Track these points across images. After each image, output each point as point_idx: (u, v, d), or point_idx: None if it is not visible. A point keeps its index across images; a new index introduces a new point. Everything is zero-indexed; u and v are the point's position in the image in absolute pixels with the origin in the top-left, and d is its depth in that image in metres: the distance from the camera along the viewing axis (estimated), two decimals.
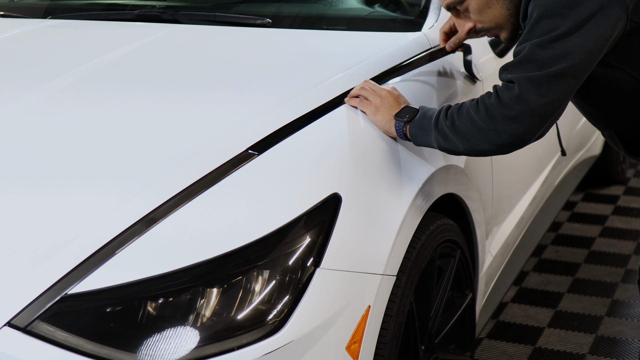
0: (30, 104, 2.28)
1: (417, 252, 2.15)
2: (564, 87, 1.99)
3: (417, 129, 2.12)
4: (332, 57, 2.51)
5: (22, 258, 1.81)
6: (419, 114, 2.14)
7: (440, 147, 2.11)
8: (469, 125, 2.03)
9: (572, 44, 1.97)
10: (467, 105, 2.06)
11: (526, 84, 1.98)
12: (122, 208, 1.87)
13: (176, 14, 2.89)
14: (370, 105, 2.17)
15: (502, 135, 2.01)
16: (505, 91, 2.00)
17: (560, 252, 4.02)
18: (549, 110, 1.99)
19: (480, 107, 2.03)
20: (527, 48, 2.00)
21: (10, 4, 3.37)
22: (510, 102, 1.98)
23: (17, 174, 2.01)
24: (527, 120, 1.98)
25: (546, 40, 1.98)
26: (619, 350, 3.17)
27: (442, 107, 2.11)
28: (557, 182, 3.66)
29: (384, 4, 2.89)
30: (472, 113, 2.03)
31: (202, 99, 2.26)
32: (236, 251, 1.82)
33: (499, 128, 2.00)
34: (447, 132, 2.06)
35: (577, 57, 1.97)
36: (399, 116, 2.15)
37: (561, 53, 1.97)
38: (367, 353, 1.97)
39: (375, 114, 2.16)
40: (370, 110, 2.17)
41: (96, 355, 1.74)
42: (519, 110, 1.98)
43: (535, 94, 1.97)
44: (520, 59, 2.01)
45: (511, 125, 1.99)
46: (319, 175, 1.99)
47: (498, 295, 3.03)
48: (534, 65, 1.98)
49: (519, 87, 1.98)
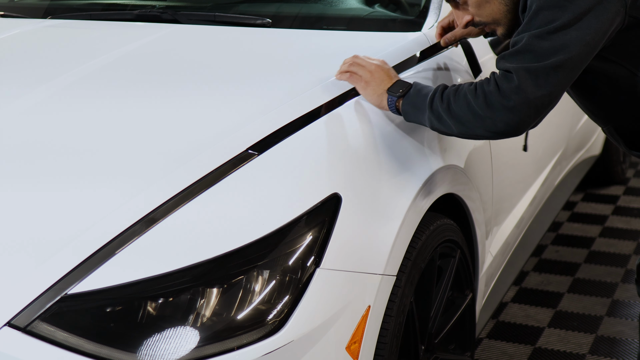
0: (31, 103, 2.28)
1: (417, 252, 2.15)
2: (561, 80, 2.00)
3: (409, 106, 2.12)
4: (332, 57, 2.50)
5: (22, 258, 1.81)
6: (412, 90, 2.12)
7: (433, 127, 2.11)
8: (465, 110, 2.04)
9: (571, 37, 1.98)
10: (464, 89, 2.06)
11: (524, 75, 1.99)
12: (122, 208, 1.87)
13: (176, 14, 2.89)
14: (360, 79, 2.16)
15: (497, 123, 2.02)
16: (504, 81, 2.01)
17: (560, 252, 4.02)
18: (545, 102, 2.01)
19: (479, 93, 2.03)
20: (525, 38, 2.01)
21: (10, 4, 3.37)
22: (509, 93, 1.99)
23: (17, 174, 2.01)
24: (524, 110, 2.00)
25: (545, 31, 1.99)
26: (619, 350, 3.17)
27: (437, 87, 2.10)
28: (557, 182, 3.66)
29: (384, 4, 2.89)
30: (469, 98, 2.04)
31: (202, 99, 2.26)
32: (236, 251, 1.82)
33: (495, 116, 2.01)
34: (442, 114, 2.07)
35: (574, 49, 1.99)
36: (391, 91, 2.14)
37: (559, 45, 1.98)
38: (367, 353, 1.97)
39: (365, 88, 2.15)
40: (361, 85, 2.16)
41: (96, 355, 1.74)
42: (517, 100, 1.99)
43: (533, 86, 1.98)
44: (519, 49, 2.02)
45: (508, 115, 2.00)
46: (319, 175, 1.99)
47: (498, 295, 3.03)
48: (532, 56, 1.99)
49: (517, 78, 1.99)
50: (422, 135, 2.28)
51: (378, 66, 2.18)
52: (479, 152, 2.60)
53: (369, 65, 2.17)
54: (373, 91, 2.15)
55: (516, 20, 2.17)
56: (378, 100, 2.15)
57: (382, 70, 2.17)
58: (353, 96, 2.22)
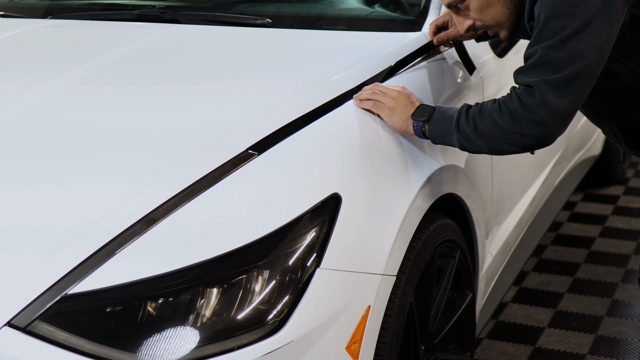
0: (31, 103, 2.28)
1: (417, 252, 2.15)
2: (581, 87, 2.03)
3: (436, 130, 2.15)
4: (332, 57, 2.51)
5: (22, 258, 1.81)
6: (436, 113, 2.16)
7: (463, 148, 2.15)
8: (492, 128, 2.07)
9: (584, 43, 2.00)
10: (488, 108, 2.09)
11: (546, 88, 2.02)
12: (122, 208, 1.87)
13: (176, 14, 2.89)
14: (384, 107, 2.18)
15: (527, 138, 2.06)
16: (527, 96, 2.04)
17: (560, 252, 4.02)
18: (570, 110, 2.05)
19: (504, 111, 2.06)
20: (540, 50, 2.03)
21: (10, 4, 3.37)
22: (534, 107, 2.03)
23: (17, 174, 2.01)
24: (551, 122, 2.03)
25: (558, 41, 2.00)
26: (619, 350, 3.17)
27: (461, 108, 2.13)
28: (557, 182, 3.66)
29: (384, 4, 2.89)
30: (495, 116, 2.07)
31: (202, 99, 2.26)
32: (236, 251, 1.82)
33: (524, 131, 2.05)
34: (470, 135, 2.10)
35: (590, 56, 2.01)
36: (415, 116, 2.17)
37: (574, 54, 2.00)
38: (367, 353, 1.97)
39: (390, 115, 2.18)
40: (385, 113, 2.19)
41: (96, 355, 1.74)
42: (543, 114, 2.02)
43: (556, 97, 2.02)
44: (535, 62, 2.04)
45: (536, 128, 2.04)
46: (319, 175, 1.99)
47: (498, 295, 3.03)
48: (550, 68, 2.02)
49: (540, 92, 2.02)
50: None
51: (400, 92, 2.20)
52: None
53: (390, 92, 2.20)
54: (399, 118, 2.18)
55: (518, 23, 2.18)
56: (404, 126, 2.18)
57: (404, 96, 2.20)
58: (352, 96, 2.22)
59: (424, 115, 2.16)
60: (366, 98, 2.20)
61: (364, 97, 2.21)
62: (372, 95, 2.20)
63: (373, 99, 2.19)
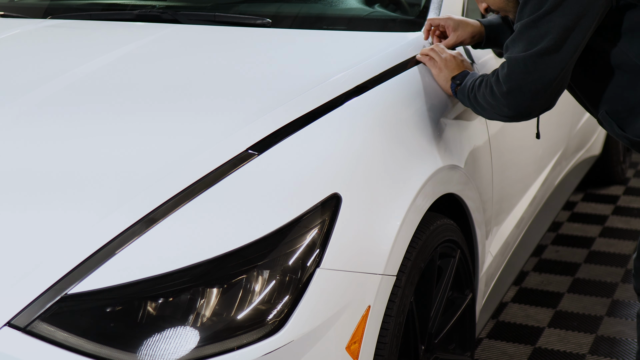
0: (31, 103, 2.28)
1: (417, 252, 2.15)
2: (549, 63, 2.18)
3: (460, 94, 2.40)
4: (332, 57, 2.51)
5: (22, 258, 1.81)
6: (465, 80, 2.39)
7: (475, 112, 2.40)
8: (481, 99, 2.31)
9: (554, 23, 2.16)
10: (483, 80, 2.32)
11: (514, 62, 2.21)
12: (123, 208, 1.87)
13: (176, 14, 2.89)
14: (436, 64, 2.44)
15: (502, 108, 2.26)
16: (501, 69, 2.25)
17: (560, 252, 4.02)
18: (538, 85, 2.19)
19: (486, 83, 2.30)
20: (519, 27, 2.22)
21: (10, 4, 3.37)
22: (503, 79, 2.23)
23: (17, 174, 2.01)
24: (517, 94, 2.22)
25: (532, 19, 2.18)
26: (619, 350, 3.17)
27: (476, 78, 2.36)
28: (557, 182, 3.66)
29: (384, 4, 2.89)
30: (482, 88, 2.30)
31: (202, 99, 2.26)
32: (236, 251, 1.82)
33: (498, 102, 2.26)
34: (473, 103, 2.35)
35: (556, 35, 2.16)
36: (454, 79, 2.42)
37: (543, 32, 2.17)
38: (367, 353, 1.97)
39: (438, 74, 2.44)
40: (435, 71, 2.44)
41: (96, 355, 1.74)
42: (508, 86, 2.22)
43: (523, 72, 2.19)
44: (514, 37, 2.24)
45: (506, 99, 2.23)
46: (319, 175, 1.99)
47: (498, 295, 3.03)
48: (523, 44, 2.20)
49: (508, 65, 2.22)
50: (422, 136, 2.29)
51: (453, 56, 2.45)
52: (479, 152, 2.60)
53: (445, 54, 2.45)
54: (444, 77, 2.43)
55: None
56: (445, 85, 2.43)
57: (455, 60, 2.44)
58: (353, 96, 2.22)
59: (457, 80, 2.40)
60: (426, 53, 2.46)
61: (424, 52, 2.47)
62: (431, 51, 2.46)
63: (431, 55, 2.44)
